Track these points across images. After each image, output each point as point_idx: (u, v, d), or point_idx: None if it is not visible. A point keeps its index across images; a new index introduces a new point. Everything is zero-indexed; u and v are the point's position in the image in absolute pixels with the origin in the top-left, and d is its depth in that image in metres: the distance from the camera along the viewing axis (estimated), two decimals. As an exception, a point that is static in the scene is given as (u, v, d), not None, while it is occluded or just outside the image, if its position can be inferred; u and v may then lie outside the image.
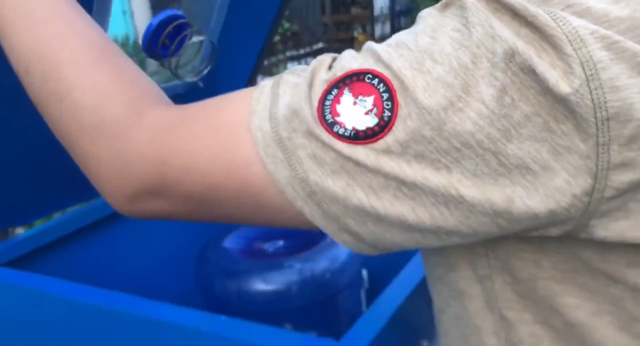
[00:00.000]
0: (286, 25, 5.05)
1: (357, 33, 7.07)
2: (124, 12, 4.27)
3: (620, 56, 0.30)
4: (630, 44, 0.30)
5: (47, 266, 0.87)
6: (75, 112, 0.41)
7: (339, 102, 0.34)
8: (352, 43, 6.83)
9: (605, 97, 0.30)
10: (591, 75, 0.30)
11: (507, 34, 0.31)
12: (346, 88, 0.35)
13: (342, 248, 0.88)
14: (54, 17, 0.43)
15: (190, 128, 0.39)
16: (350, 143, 0.33)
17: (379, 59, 0.34)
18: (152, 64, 0.72)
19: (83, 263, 0.91)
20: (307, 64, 0.39)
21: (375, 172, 0.33)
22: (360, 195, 0.34)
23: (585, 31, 0.30)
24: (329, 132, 0.34)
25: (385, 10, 7.24)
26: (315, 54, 5.62)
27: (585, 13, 0.31)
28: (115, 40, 3.21)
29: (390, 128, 0.33)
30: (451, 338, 0.46)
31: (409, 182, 0.33)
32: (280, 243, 0.95)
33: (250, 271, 0.84)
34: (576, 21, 0.30)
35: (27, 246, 0.86)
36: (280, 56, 5.10)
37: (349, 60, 0.35)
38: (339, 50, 0.39)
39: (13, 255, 0.84)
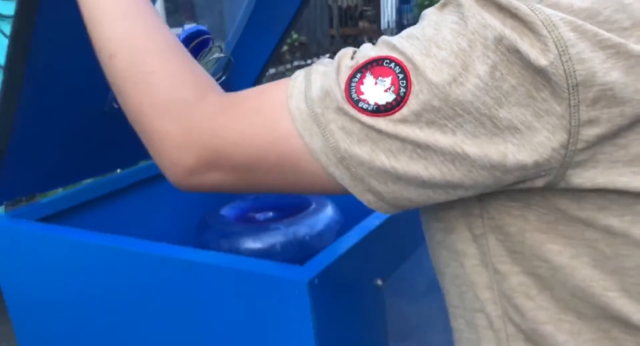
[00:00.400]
0: (294, 36, 5.21)
1: (365, 46, 7.25)
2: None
3: (584, 36, 0.38)
4: (590, 27, 0.38)
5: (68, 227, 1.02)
6: (151, 93, 0.49)
7: (362, 83, 0.42)
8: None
9: (574, 68, 0.37)
10: (562, 50, 0.37)
11: (496, 23, 0.39)
12: (368, 72, 0.42)
13: (321, 217, 1.02)
14: (142, 13, 0.53)
15: (239, 110, 0.47)
16: (373, 115, 0.41)
17: (394, 47, 0.42)
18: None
19: (95, 229, 1.06)
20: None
21: (394, 137, 0.41)
22: (382, 158, 0.42)
23: (556, 18, 0.38)
24: (355, 108, 0.42)
25: (392, 25, 7.43)
26: (322, 64, 5.79)
27: (554, 6, 0.39)
28: None
29: (406, 102, 0.41)
30: (451, 297, 0.54)
31: (422, 144, 0.41)
32: (270, 213, 1.10)
33: (242, 233, 0.98)
34: (548, 11, 0.39)
35: (50, 209, 1.00)
36: (288, 65, 5.25)
37: (368, 50, 0.44)
38: None
39: (41, 214, 0.98)
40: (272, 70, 5.08)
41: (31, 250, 0.88)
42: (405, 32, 0.44)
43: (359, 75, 0.43)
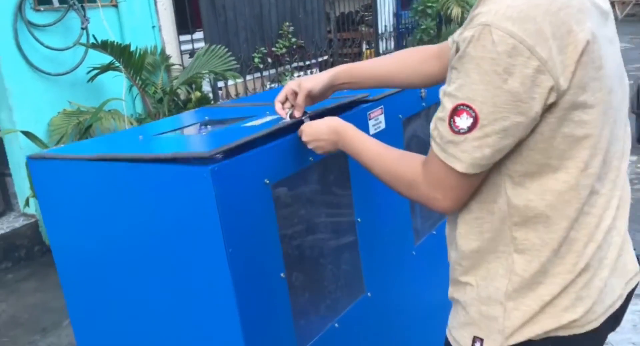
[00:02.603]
0: (293, 39, 5.68)
1: (364, 48, 7.75)
2: (153, 27, 5.01)
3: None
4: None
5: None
6: (394, 184, 1.07)
7: (455, 121, 0.90)
8: (360, 56, 7.50)
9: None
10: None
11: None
12: (455, 115, 0.90)
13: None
14: (375, 147, 1.15)
15: (427, 170, 0.99)
16: (463, 134, 0.89)
17: (459, 98, 0.90)
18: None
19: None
20: (312, 73, 1.10)
21: (481, 139, 0.89)
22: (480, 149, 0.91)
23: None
24: (458, 134, 0.90)
25: (390, 28, 7.89)
26: (321, 64, 6.26)
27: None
28: (145, 50, 4.04)
29: (476, 125, 0.88)
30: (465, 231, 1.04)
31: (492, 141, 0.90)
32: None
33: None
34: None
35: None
36: (287, 66, 5.72)
37: (447, 104, 0.91)
38: (344, 62, 1.08)
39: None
40: (272, 71, 5.57)
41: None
42: (453, 86, 0.92)
43: (451, 119, 0.91)
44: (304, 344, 1.34)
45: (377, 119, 1.57)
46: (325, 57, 6.40)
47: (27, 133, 3.33)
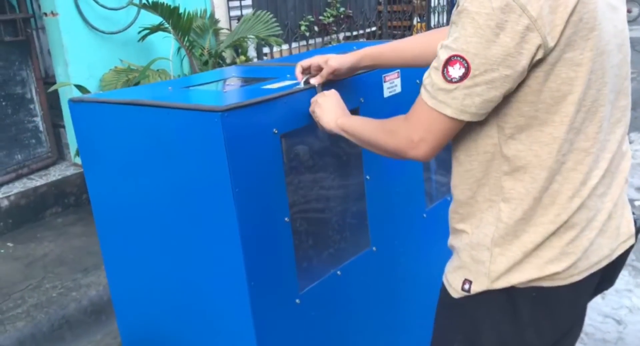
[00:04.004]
0: (341, 9, 5.69)
1: (415, 22, 7.66)
2: (203, -10, 5.04)
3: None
4: None
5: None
6: (376, 139, 1.16)
7: (448, 71, 0.96)
8: (410, 30, 7.43)
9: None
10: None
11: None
12: (448, 65, 0.96)
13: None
14: (357, 121, 1.27)
15: (411, 117, 1.07)
16: (455, 83, 0.96)
17: (453, 49, 0.96)
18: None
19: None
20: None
21: (471, 88, 0.96)
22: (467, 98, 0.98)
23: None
24: (447, 82, 0.97)
25: (443, 2, 7.75)
26: (369, 35, 6.26)
27: None
28: (195, 14, 4.17)
29: (467, 75, 0.94)
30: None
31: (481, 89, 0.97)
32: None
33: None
34: None
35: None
36: (334, 36, 5.76)
37: (442, 55, 0.97)
38: (394, 36, 1.20)
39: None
40: (318, 40, 5.62)
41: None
42: (451, 39, 0.98)
43: (444, 68, 0.97)
44: (305, 285, 1.45)
45: (393, 83, 1.64)
46: (374, 29, 6.39)
47: (80, 87, 3.53)
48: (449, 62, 0.96)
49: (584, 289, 1.12)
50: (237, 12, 5.00)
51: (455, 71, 0.96)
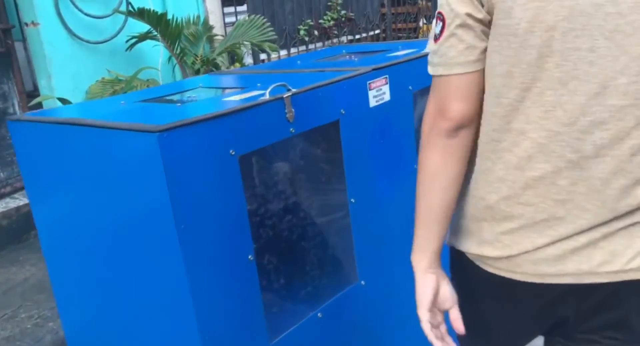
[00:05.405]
0: (342, 12, 5.49)
1: (422, 24, 7.44)
2: (196, -3, 4.84)
3: None
4: None
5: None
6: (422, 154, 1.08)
7: (434, 32, 0.98)
8: (416, 32, 7.19)
9: None
10: None
11: None
12: (435, 27, 0.98)
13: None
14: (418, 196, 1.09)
15: (429, 101, 1.05)
16: (438, 40, 0.96)
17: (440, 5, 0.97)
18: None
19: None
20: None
21: (450, 38, 0.95)
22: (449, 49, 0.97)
23: None
24: (434, 42, 0.98)
25: (449, 3, 7.50)
26: (372, 38, 6.03)
27: None
28: (187, 20, 3.94)
29: (444, 27, 0.95)
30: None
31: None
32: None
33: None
34: None
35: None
36: (335, 40, 5.55)
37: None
38: (399, 38, 1.07)
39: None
40: (318, 44, 5.41)
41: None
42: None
43: (433, 34, 1.00)
44: (279, 333, 1.23)
45: (380, 90, 1.41)
46: (377, 31, 6.17)
47: (63, 100, 3.34)
48: (435, 24, 0.99)
49: (528, 297, 1.02)
50: (232, 18, 4.80)
51: (437, 27, 0.98)
